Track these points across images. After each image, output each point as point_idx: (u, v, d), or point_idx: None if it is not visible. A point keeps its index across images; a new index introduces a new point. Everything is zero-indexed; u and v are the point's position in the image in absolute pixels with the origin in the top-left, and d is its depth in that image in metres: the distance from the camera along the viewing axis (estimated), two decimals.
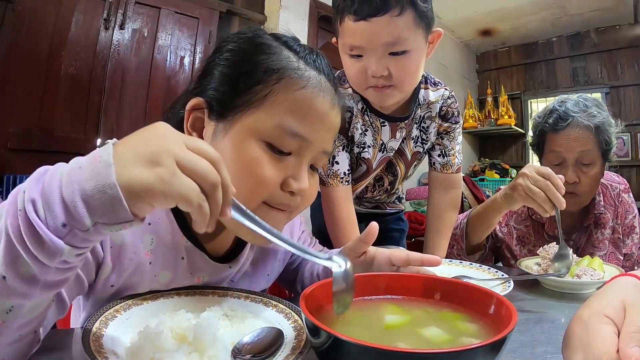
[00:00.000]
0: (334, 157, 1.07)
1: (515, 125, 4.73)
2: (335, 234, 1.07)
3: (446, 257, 1.06)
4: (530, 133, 1.31)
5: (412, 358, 0.33)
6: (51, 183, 0.34)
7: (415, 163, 1.21)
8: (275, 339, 0.47)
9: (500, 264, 1.34)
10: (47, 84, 2.21)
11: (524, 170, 0.98)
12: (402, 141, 1.14)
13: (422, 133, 1.16)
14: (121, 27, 2.41)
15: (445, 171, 1.18)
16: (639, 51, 4.14)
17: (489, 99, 4.90)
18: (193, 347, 0.44)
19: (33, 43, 2.15)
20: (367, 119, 1.08)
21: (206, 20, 2.74)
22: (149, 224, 0.58)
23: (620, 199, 1.26)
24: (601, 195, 1.26)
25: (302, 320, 0.51)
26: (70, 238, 0.34)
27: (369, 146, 1.11)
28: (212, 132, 0.56)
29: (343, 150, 1.08)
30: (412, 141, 1.15)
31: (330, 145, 0.61)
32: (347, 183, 1.08)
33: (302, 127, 0.54)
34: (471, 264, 0.93)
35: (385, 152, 1.13)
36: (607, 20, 4.15)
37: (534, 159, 4.70)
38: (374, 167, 1.14)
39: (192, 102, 0.58)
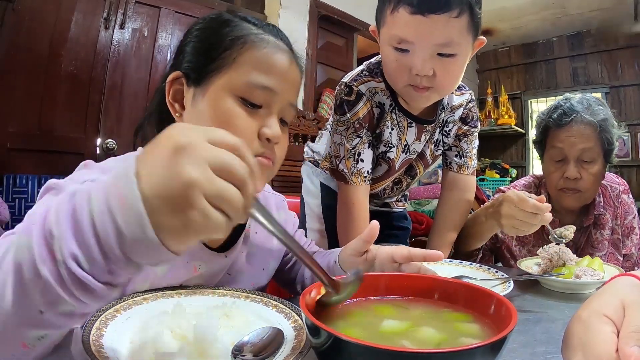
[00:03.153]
0: (359, 155, 1.03)
1: (515, 125, 4.74)
2: (350, 234, 1.01)
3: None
4: (533, 131, 1.32)
5: (412, 358, 0.33)
6: (87, 233, 0.34)
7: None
8: (275, 339, 0.47)
9: (499, 264, 1.34)
10: (47, 83, 2.21)
11: (506, 209, 0.96)
12: (425, 144, 1.13)
13: (443, 137, 1.15)
14: (121, 27, 2.41)
15: (462, 172, 1.18)
16: (639, 51, 4.15)
17: (489, 98, 4.91)
18: (193, 347, 0.44)
19: (33, 43, 2.15)
20: (394, 117, 1.05)
21: None
22: None
23: (619, 200, 1.26)
24: (601, 196, 1.26)
25: (302, 320, 0.51)
26: (116, 279, 0.36)
27: (394, 146, 1.07)
28: (191, 97, 0.63)
29: (368, 147, 1.04)
30: (434, 144, 1.14)
31: (295, 99, 0.68)
32: (368, 182, 1.05)
33: (268, 80, 0.62)
34: (471, 264, 0.93)
35: (408, 153, 1.11)
36: (607, 20, 4.15)
37: (534, 158, 4.71)
38: (396, 168, 1.12)
39: (171, 75, 0.65)
